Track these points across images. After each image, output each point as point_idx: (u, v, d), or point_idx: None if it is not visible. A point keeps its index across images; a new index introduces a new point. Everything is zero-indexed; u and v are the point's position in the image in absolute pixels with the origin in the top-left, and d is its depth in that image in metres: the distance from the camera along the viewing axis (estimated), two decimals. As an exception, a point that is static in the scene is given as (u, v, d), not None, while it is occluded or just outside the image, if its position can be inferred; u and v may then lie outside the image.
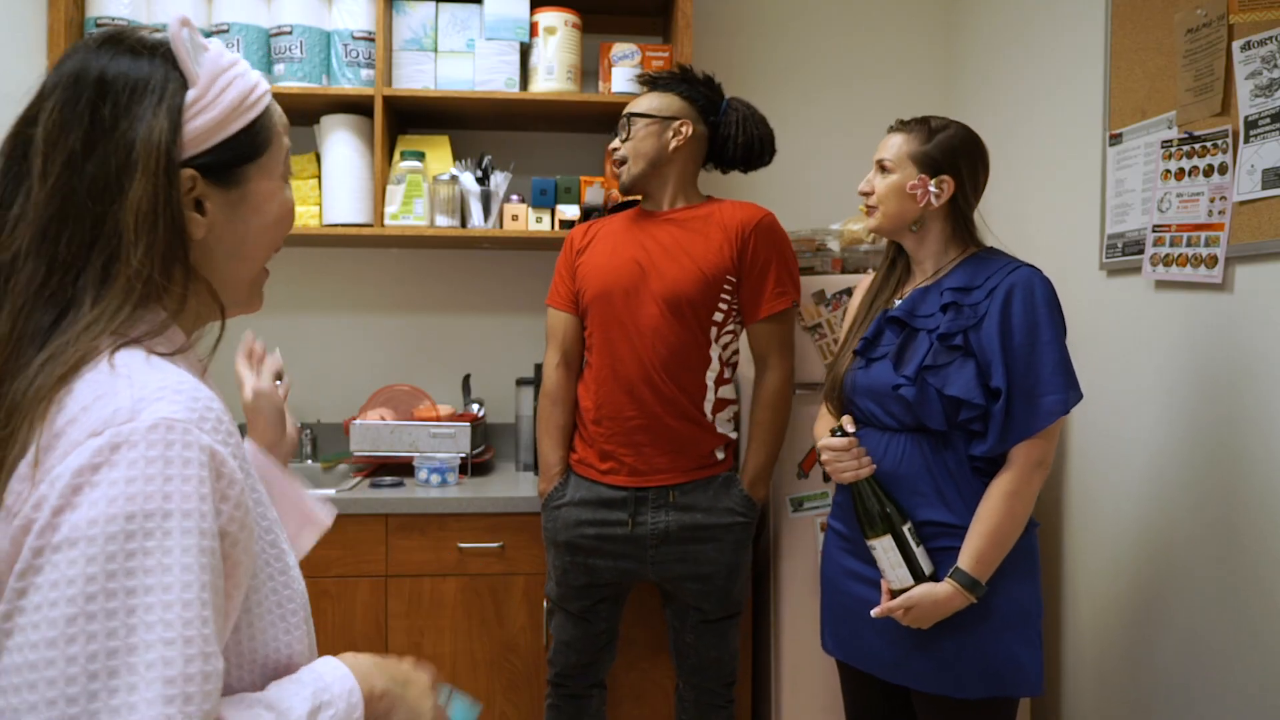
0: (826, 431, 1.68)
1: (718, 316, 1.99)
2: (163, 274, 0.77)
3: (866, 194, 1.70)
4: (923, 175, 1.64)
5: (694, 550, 1.98)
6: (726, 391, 2.03)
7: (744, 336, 2.08)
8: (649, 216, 2.07)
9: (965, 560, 1.54)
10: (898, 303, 1.69)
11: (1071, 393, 1.58)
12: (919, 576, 1.56)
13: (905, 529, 1.56)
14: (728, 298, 2.00)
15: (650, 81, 2.09)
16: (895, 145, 1.67)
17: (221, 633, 0.70)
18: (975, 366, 1.55)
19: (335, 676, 0.80)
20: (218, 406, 0.75)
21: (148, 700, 0.63)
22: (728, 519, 1.99)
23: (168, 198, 0.77)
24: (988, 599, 1.55)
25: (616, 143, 2.05)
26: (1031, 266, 1.64)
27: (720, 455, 2.03)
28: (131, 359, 0.74)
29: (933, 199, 1.64)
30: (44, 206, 0.75)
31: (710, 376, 2.00)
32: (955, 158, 1.65)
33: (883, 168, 1.68)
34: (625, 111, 2.06)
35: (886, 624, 1.62)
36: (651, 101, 2.05)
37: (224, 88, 0.81)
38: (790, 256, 2.04)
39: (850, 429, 1.61)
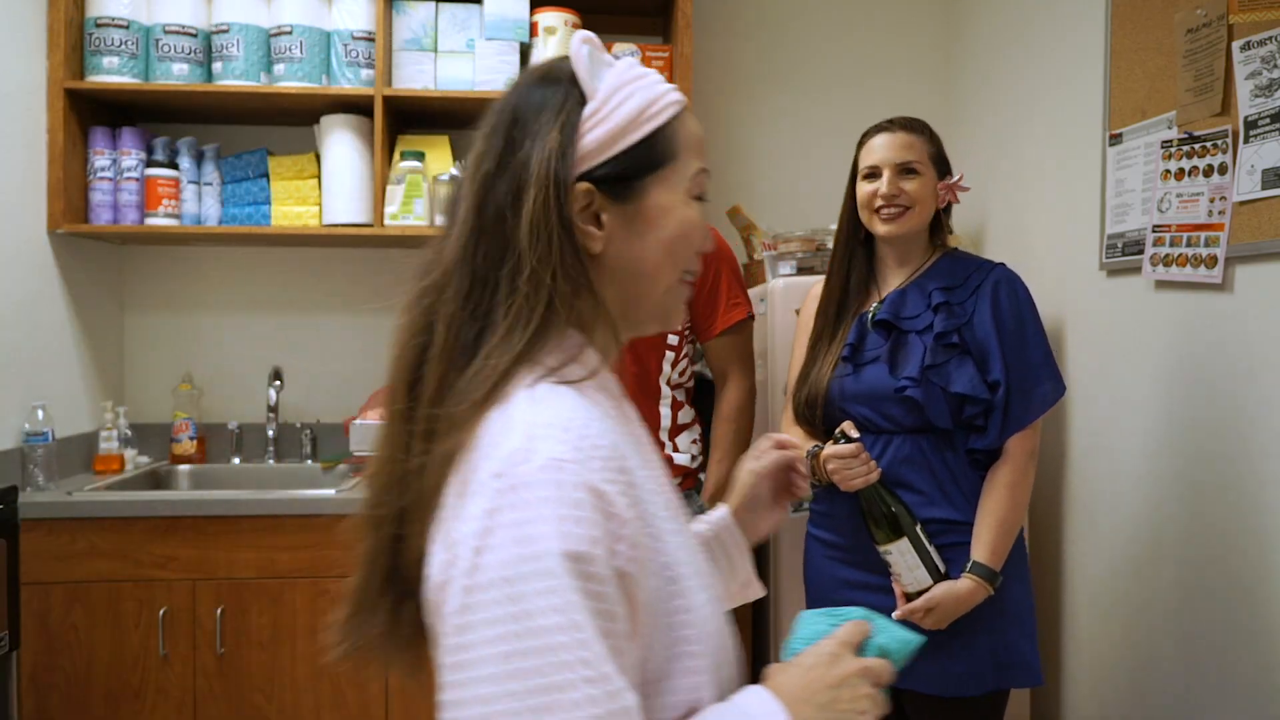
0: (807, 445, 1.68)
1: (672, 340, 1.97)
2: (563, 289, 0.77)
3: (895, 196, 1.66)
4: (946, 177, 1.68)
5: None
6: (685, 415, 2.02)
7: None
8: None
9: (980, 553, 1.56)
10: (873, 306, 1.70)
11: (1057, 382, 1.62)
12: (936, 575, 1.56)
13: (917, 529, 1.56)
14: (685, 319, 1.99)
15: None
16: (918, 147, 1.68)
17: (630, 671, 0.70)
18: (973, 363, 1.57)
19: (763, 711, 0.74)
20: (607, 443, 0.73)
21: None
22: None
23: (560, 210, 0.77)
24: (989, 597, 1.56)
25: None
26: (1003, 264, 1.69)
27: (676, 481, 2.01)
28: (532, 394, 0.75)
29: (955, 198, 1.68)
30: (465, 223, 0.80)
31: (664, 406, 1.98)
32: (946, 157, 1.70)
33: (911, 170, 1.67)
34: None
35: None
36: None
37: (623, 100, 0.80)
38: (738, 268, 2.03)
39: (854, 434, 1.61)
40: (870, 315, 1.69)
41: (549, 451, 0.70)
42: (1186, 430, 1.78)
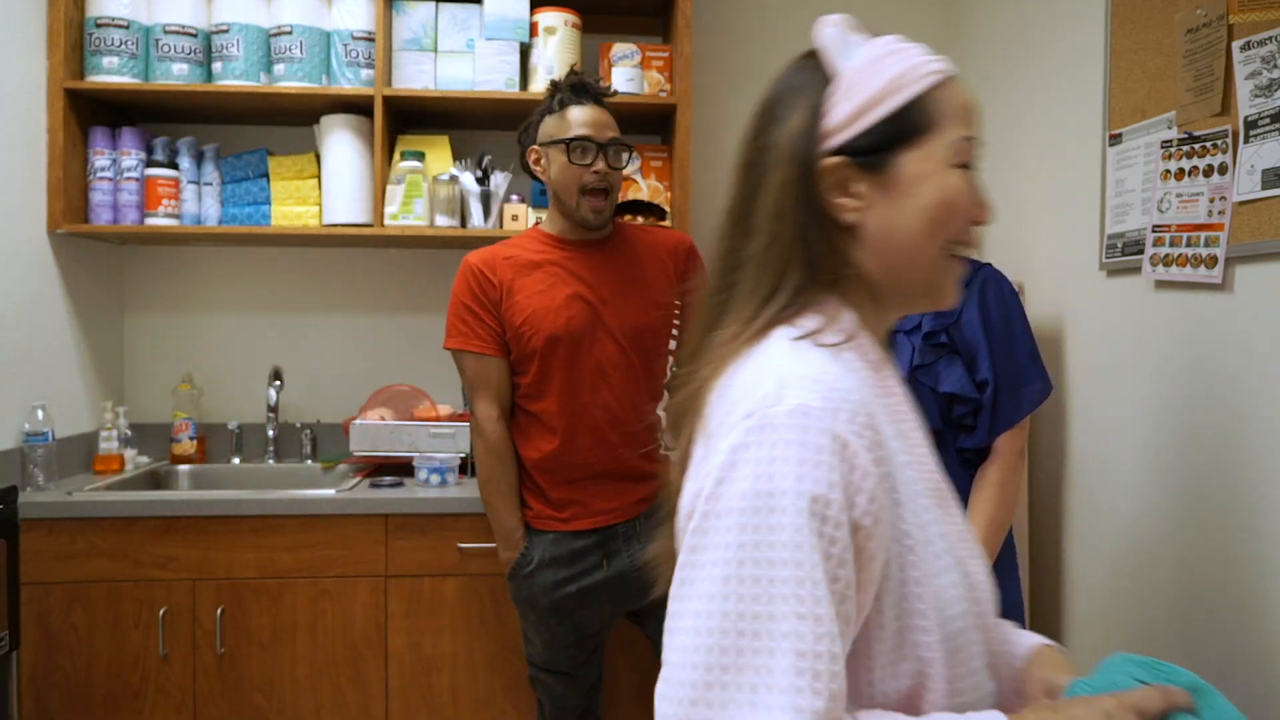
0: None
1: (672, 345, 1.99)
2: (814, 259, 0.81)
3: None
4: None
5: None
6: None
7: None
8: (576, 247, 1.93)
9: None
10: None
11: (1045, 381, 1.62)
12: None
13: None
14: (675, 324, 1.99)
15: (598, 95, 1.92)
16: None
17: (848, 623, 0.71)
18: (961, 362, 1.57)
19: None
20: (857, 399, 0.75)
21: (783, 668, 0.67)
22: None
23: (803, 186, 0.81)
24: None
25: (600, 166, 1.85)
26: (989, 264, 1.70)
27: None
28: (788, 348, 0.79)
29: None
30: (734, 205, 0.87)
31: (660, 407, 1.97)
32: None
33: None
34: (607, 137, 1.88)
35: None
36: (612, 122, 1.91)
37: (872, 75, 0.83)
38: None
39: None
40: None
41: (798, 398, 0.73)
42: (1186, 430, 1.78)
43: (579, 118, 1.87)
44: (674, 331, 1.99)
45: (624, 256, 1.95)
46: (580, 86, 1.91)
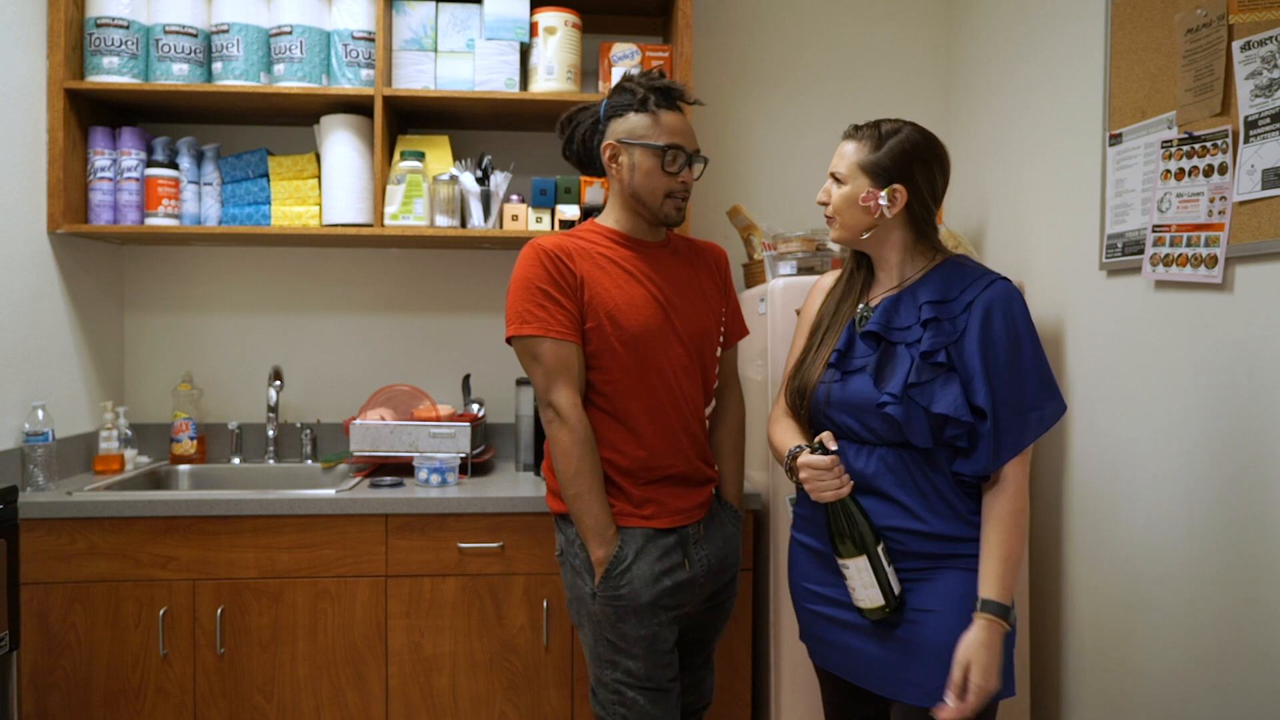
0: (792, 441, 1.64)
1: (718, 352, 1.97)
2: None
3: (824, 204, 1.66)
4: (873, 188, 1.59)
5: (721, 578, 1.91)
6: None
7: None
8: (644, 248, 1.88)
9: (990, 589, 1.50)
10: (861, 308, 1.66)
11: (1056, 403, 1.54)
12: (890, 598, 1.53)
13: (879, 549, 1.53)
14: (722, 331, 1.98)
15: (686, 100, 1.90)
16: (847, 155, 1.61)
17: None
18: (959, 383, 1.52)
19: None
20: None
21: None
22: (736, 538, 1.95)
23: None
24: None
25: (688, 176, 1.85)
26: (1004, 279, 1.59)
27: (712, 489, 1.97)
28: None
29: (885, 210, 1.59)
30: None
31: (707, 411, 1.96)
32: (907, 164, 1.58)
33: (836, 179, 1.63)
34: (695, 147, 1.86)
35: (879, 639, 1.59)
36: (693, 129, 1.92)
37: None
38: None
39: (832, 446, 1.56)
40: (857, 320, 1.65)
41: None
42: (1187, 430, 1.78)
43: (673, 124, 1.81)
44: (720, 339, 1.96)
45: (682, 260, 1.92)
46: (672, 91, 1.83)
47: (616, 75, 2.57)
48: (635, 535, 1.79)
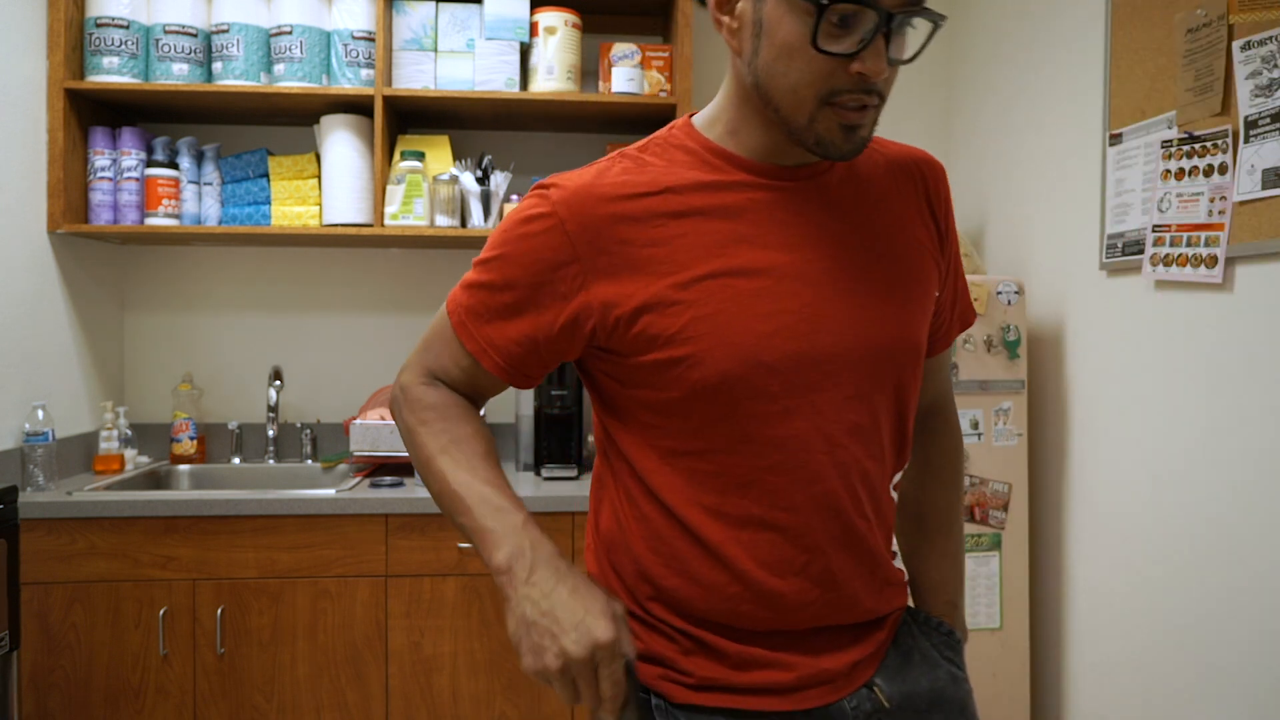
0: None
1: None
2: None
3: None
4: None
5: None
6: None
7: None
8: (779, 178, 0.96)
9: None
10: None
11: None
12: None
13: None
14: (936, 321, 1.09)
15: None
16: None
17: None
18: None
19: None
20: None
21: None
22: (959, 691, 1.04)
23: None
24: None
25: (877, 63, 0.85)
26: None
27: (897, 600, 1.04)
28: None
29: None
30: None
31: (896, 479, 1.05)
32: None
33: None
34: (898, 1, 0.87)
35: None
36: None
37: None
38: None
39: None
40: None
41: None
42: (1187, 430, 1.78)
43: None
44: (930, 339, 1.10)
45: (860, 196, 1.00)
46: None
47: (616, 75, 2.57)
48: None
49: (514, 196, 2.63)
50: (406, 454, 2.49)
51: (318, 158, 2.61)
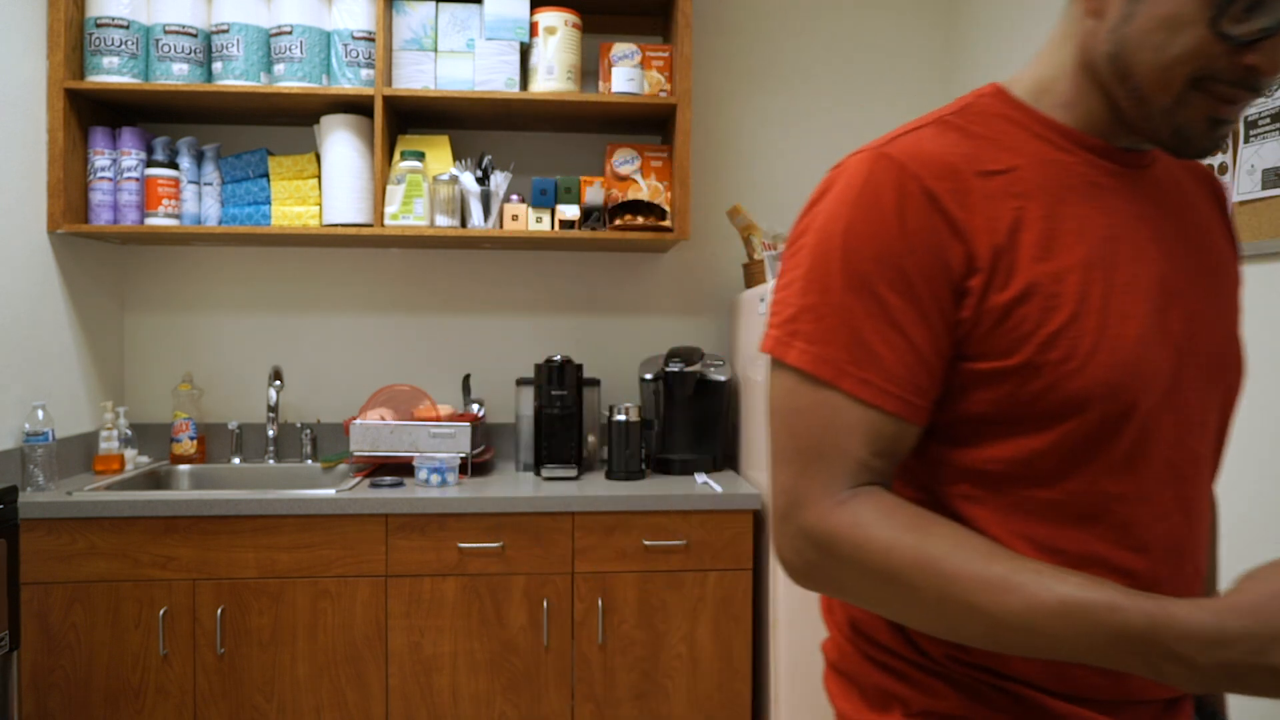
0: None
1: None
2: None
3: None
4: None
5: None
6: None
7: None
8: (1114, 161, 0.84)
9: None
10: None
11: None
12: None
13: None
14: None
15: None
16: None
17: None
18: None
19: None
20: None
21: None
22: None
23: None
24: None
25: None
26: None
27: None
28: None
29: None
30: None
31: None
32: None
33: None
34: None
35: None
36: None
37: None
38: None
39: None
40: None
41: None
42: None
43: None
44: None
45: (1175, 195, 0.88)
46: None
47: (616, 75, 2.57)
48: None
49: (514, 196, 2.63)
50: (406, 454, 2.50)
51: (318, 158, 2.61)
